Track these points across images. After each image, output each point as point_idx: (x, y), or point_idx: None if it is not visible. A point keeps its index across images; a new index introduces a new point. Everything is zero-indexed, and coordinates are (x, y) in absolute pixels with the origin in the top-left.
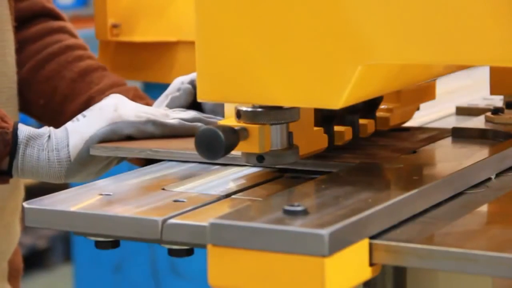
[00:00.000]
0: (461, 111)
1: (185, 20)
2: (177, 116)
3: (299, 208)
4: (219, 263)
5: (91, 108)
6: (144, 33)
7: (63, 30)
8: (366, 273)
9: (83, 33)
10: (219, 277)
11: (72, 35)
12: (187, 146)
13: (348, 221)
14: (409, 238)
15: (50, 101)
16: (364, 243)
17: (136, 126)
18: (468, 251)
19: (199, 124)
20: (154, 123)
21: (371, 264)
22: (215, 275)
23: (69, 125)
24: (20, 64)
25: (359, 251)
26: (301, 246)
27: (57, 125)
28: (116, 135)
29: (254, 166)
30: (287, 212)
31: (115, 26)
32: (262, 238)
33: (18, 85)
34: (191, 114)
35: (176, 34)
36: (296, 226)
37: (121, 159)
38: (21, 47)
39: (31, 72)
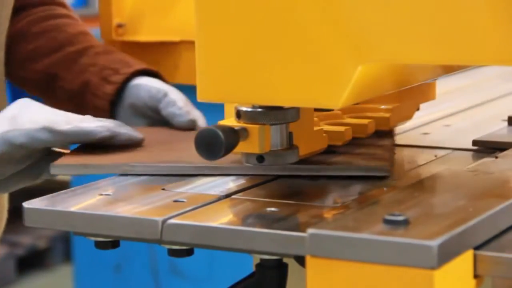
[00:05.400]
0: None
1: (190, 20)
2: (88, 124)
3: (400, 218)
4: (319, 275)
5: None
6: (149, 33)
7: (67, 16)
8: (470, 285)
9: None
10: None
11: (74, 19)
12: (163, 158)
13: (455, 231)
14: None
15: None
16: (469, 254)
17: (28, 134)
18: None
19: (104, 132)
20: (50, 130)
21: (475, 276)
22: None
23: None
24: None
25: (464, 262)
26: (408, 258)
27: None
28: (10, 147)
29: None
30: (388, 222)
31: (120, 26)
32: (366, 250)
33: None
34: (105, 123)
35: (180, 34)
36: (402, 237)
37: (45, 154)
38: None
39: (26, 24)
